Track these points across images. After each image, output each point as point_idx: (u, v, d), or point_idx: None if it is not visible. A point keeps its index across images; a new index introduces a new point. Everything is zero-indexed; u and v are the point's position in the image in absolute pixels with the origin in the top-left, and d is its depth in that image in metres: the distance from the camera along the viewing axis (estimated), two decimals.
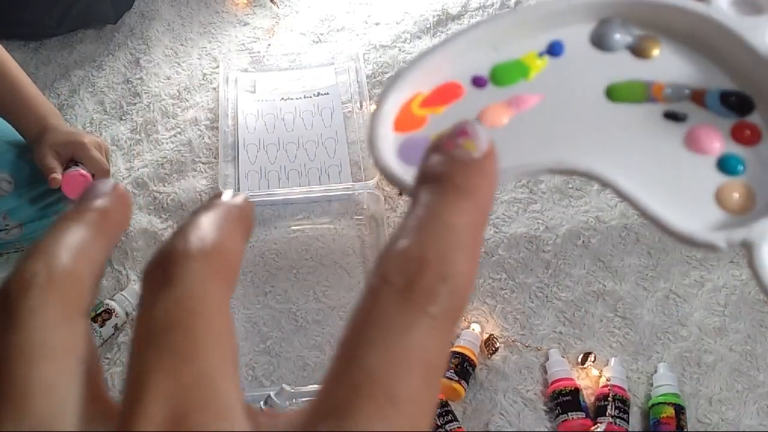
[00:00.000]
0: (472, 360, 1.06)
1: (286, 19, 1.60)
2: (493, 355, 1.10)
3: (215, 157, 1.35)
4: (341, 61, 1.49)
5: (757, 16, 0.25)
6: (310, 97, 1.43)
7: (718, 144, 0.23)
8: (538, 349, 1.11)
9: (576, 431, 1.02)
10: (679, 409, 1.02)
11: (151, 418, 0.16)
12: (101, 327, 1.10)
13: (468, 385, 1.06)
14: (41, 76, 1.48)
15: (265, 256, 1.23)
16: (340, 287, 1.19)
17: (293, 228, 1.27)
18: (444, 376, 1.04)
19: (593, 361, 1.09)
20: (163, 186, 1.32)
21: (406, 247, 0.18)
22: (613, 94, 0.24)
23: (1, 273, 1.22)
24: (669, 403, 1.02)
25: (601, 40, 0.25)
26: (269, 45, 1.54)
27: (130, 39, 1.55)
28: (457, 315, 0.18)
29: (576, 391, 1.04)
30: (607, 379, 1.06)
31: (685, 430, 1.02)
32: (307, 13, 1.60)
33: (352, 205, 1.29)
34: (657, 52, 0.25)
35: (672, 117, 0.24)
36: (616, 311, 1.15)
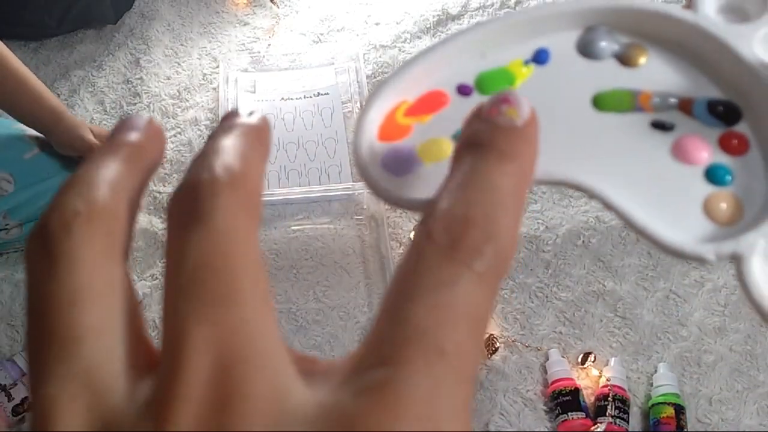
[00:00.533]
0: None
1: (286, 19, 1.59)
2: (493, 355, 1.10)
3: None
4: (341, 61, 1.49)
5: (744, 24, 0.24)
6: (310, 97, 1.42)
7: (705, 154, 0.23)
8: (538, 349, 1.11)
9: (576, 431, 1.02)
10: (679, 409, 1.01)
11: (196, 370, 0.15)
12: None
13: None
14: (41, 76, 1.48)
15: (265, 255, 1.22)
16: (340, 287, 1.19)
17: (293, 228, 1.27)
18: None
19: (593, 361, 1.09)
20: (163, 186, 1.32)
21: (451, 206, 0.18)
22: (599, 103, 0.24)
23: (1, 273, 1.23)
24: (669, 403, 1.02)
25: (587, 48, 0.25)
26: (269, 45, 1.54)
27: (130, 39, 1.55)
28: (502, 272, 0.18)
29: (576, 391, 1.03)
30: (607, 379, 1.06)
31: (685, 430, 1.01)
32: (307, 13, 1.60)
33: (352, 205, 1.28)
34: (644, 60, 0.25)
35: (659, 126, 0.24)
36: (616, 311, 1.14)
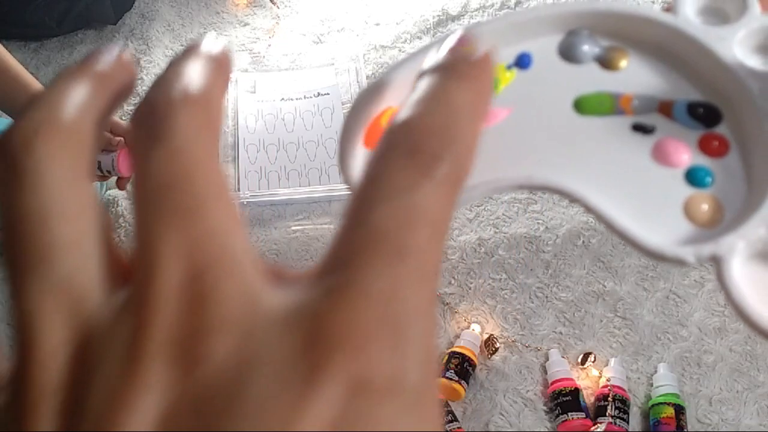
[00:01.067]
0: (472, 360, 1.06)
1: (286, 20, 1.59)
2: (493, 356, 1.10)
3: None
4: (341, 61, 1.49)
5: (724, 26, 0.24)
6: (311, 97, 1.43)
7: (685, 156, 0.23)
8: (538, 349, 1.11)
9: (576, 431, 1.02)
10: (679, 409, 1.01)
11: (168, 276, 0.16)
12: None
13: (468, 385, 1.06)
14: (41, 76, 1.49)
15: (265, 256, 1.22)
16: None
17: (293, 228, 1.27)
18: (444, 377, 1.04)
19: (593, 361, 1.09)
20: None
21: (410, 117, 0.18)
22: (581, 106, 0.24)
23: (2, 273, 1.23)
24: (669, 403, 1.01)
25: (569, 52, 0.25)
26: (269, 45, 1.54)
27: (131, 39, 1.55)
28: (461, 179, 0.18)
29: (576, 391, 1.03)
30: (607, 380, 1.06)
31: (685, 430, 1.01)
32: (307, 14, 1.60)
33: None
34: (625, 64, 0.25)
35: (640, 129, 0.24)
36: (616, 311, 1.14)
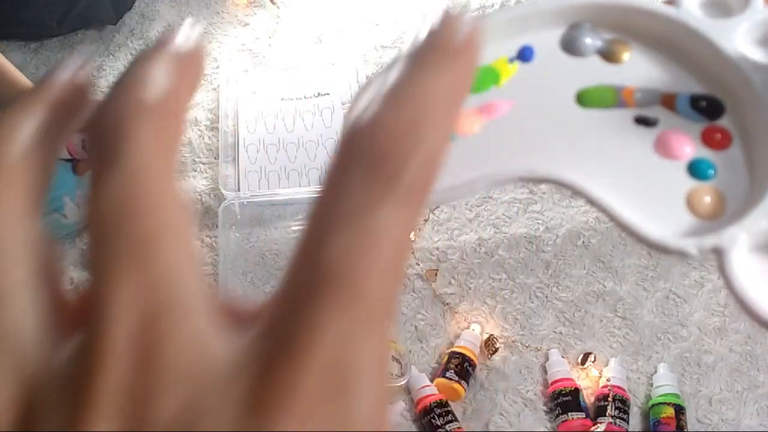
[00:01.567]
0: (472, 360, 1.06)
1: (286, 20, 1.59)
2: (493, 356, 1.10)
3: (215, 158, 1.35)
4: (341, 61, 1.49)
5: (726, 18, 0.24)
6: (311, 97, 1.42)
7: (688, 149, 0.23)
8: (538, 350, 1.11)
9: (576, 431, 1.02)
10: (679, 409, 1.01)
11: (119, 329, 0.15)
12: None
13: (468, 385, 1.05)
14: (41, 76, 1.49)
15: (266, 256, 1.23)
16: None
17: (293, 228, 1.26)
18: (444, 376, 1.04)
19: (593, 362, 1.09)
20: None
21: (372, 118, 0.16)
22: (583, 99, 0.24)
23: None
24: (669, 403, 1.01)
25: (571, 45, 0.25)
26: (269, 45, 1.54)
27: (131, 40, 1.55)
28: (427, 186, 0.16)
29: (576, 391, 1.03)
30: (607, 380, 1.06)
31: (685, 431, 1.01)
32: (307, 14, 1.60)
33: None
34: (627, 56, 0.25)
35: (643, 122, 0.24)
36: (616, 311, 1.14)
